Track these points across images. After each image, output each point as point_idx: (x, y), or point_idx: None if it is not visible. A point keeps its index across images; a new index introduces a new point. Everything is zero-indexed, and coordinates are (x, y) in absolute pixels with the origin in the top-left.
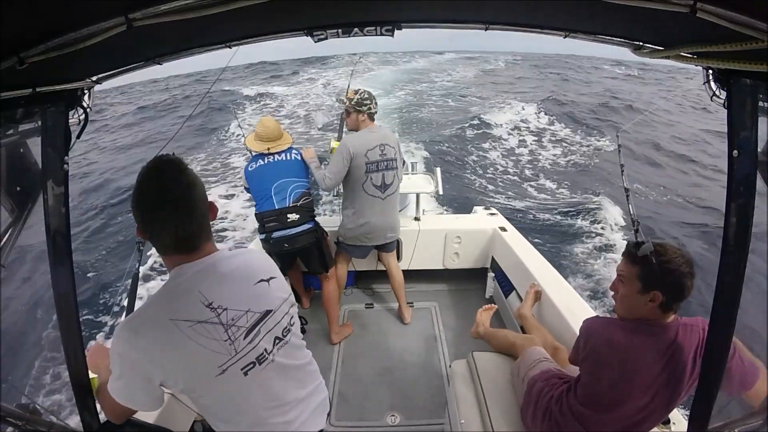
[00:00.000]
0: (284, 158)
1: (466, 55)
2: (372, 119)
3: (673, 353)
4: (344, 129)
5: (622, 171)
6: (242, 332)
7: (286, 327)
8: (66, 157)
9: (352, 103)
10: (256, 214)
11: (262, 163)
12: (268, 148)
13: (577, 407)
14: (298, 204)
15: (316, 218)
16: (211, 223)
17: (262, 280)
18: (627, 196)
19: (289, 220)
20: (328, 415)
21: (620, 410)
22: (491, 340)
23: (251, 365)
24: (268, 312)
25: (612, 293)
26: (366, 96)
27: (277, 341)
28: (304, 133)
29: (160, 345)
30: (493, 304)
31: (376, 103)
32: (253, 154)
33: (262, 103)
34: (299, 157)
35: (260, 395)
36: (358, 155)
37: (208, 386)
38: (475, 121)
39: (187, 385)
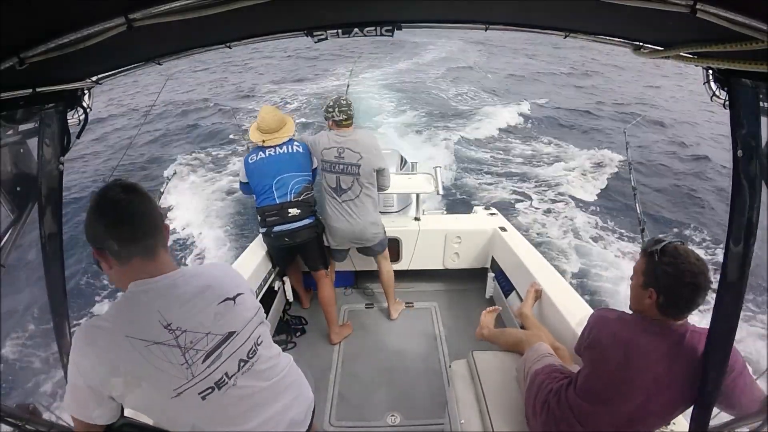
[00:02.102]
0: (285, 151)
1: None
2: (339, 125)
3: (678, 357)
4: None
5: (630, 170)
6: (201, 356)
7: (251, 348)
8: (61, 158)
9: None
10: (256, 209)
11: (263, 156)
12: (263, 141)
13: (575, 399)
14: (300, 199)
15: (316, 213)
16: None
17: (227, 299)
18: (634, 194)
19: (290, 215)
20: (311, 417)
21: (616, 406)
22: (497, 340)
23: (209, 390)
24: (230, 334)
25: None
26: (329, 104)
27: (242, 364)
28: None
29: (112, 360)
30: (497, 306)
31: (341, 111)
32: (252, 145)
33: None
34: (301, 150)
35: (220, 419)
36: (315, 152)
37: (162, 407)
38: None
39: (138, 404)
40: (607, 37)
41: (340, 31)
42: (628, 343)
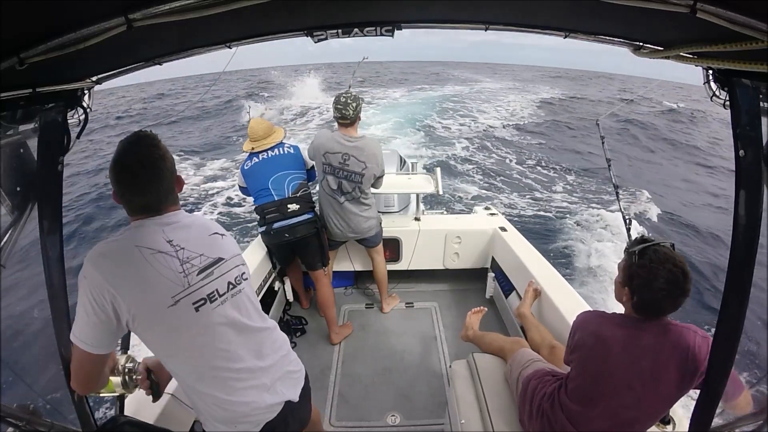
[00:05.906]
0: (277, 153)
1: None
2: (339, 123)
3: (659, 352)
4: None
5: (609, 166)
6: (195, 269)
7: (237, 276)
8: (61, 158)
9: None
10: (255, 208)
11: (256, 160)
12: (253, 148)
13: (567, 403)
14: (297, 195)
15: (314, 209)
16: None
17: (216, 233)
18: (617, 192)
19: (289, 210)
20: (289, 404)
21: (605, 405)
22: (480, 343)
23: (202, 301)
24: (220, 259)
25: None
26: (338, 100)
27: (230, 286)
28: None
29: (121, 265)
30: (482, 307)
31: (336, 108)
32: (247, 153)
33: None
34: (292, 151)
35: (210, 337)
36: (317, 154)
37: (159, 316)
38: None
39: (139, 310)
40: (607, 37)
41: (340, 31)
42: (609, 339)
